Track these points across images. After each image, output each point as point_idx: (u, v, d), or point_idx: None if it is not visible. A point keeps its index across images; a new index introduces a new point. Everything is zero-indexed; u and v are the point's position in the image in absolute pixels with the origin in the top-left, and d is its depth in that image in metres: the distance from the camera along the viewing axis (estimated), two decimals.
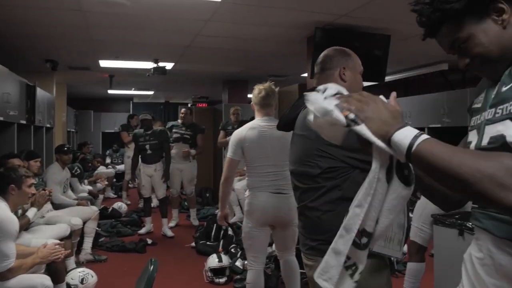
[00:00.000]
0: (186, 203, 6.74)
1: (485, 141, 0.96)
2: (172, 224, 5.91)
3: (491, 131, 0.95)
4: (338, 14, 3.86)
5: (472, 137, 1.05)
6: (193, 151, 5.87)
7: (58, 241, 3.00)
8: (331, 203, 1.48)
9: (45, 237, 3.24)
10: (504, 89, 0.94)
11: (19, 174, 2.85)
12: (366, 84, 7.38)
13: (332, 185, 1.49)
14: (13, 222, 2.59)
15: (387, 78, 5.64)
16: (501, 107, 0.93)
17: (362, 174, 1.34)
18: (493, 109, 0.96)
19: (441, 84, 6.93)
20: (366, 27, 4.24)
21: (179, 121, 6.10)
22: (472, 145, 1.03)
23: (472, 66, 1.03)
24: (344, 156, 1.47)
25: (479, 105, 1.08)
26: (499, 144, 0.90)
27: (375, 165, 0.93)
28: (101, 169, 8.13)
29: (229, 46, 5.17)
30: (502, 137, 0.90)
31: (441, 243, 2.79)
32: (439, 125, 6.24)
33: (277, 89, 3.00)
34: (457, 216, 2.64)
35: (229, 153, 2.86)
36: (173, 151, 5.79)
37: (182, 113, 6.08)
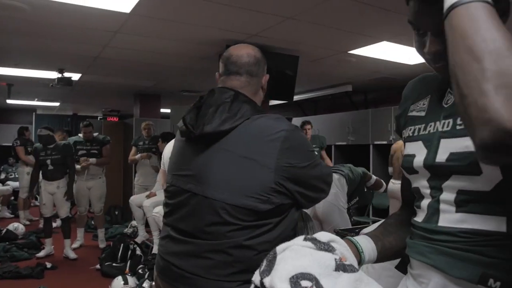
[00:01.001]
0: (93, 222, 6.35)
1: (442, 157, 0.83)
2: (76, 245, 5.53)
3: (451, 145, 0.82)
4: (249, 33, 3.96)
5: (416, 149, 0.91)
6: (93, 160, 5.49)
7: None
8: (269, 242, 1.23)
9: None
10: None
11: None
12: (276, 102, 7.71)
13: (276, 223, 1.25)
14: None
15: (296, 97, 5.91)
16: None
17: (297, 211, 1.34)
18: (450, 120, 0.84)
19: (346, 104, 7.41)
20: (277, 47, 4.40)
21: (80, 135, 5.72)
22: (419, 160, 0.89)
23: (438, 55, 0.81)
24: (296, 192, 1.27)
25: (421, 113, 0.95)
26: (467, 163, 0.77)
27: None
28: None
29: (139, 59, 5.04)
30: (472, 155, 0.75)
31: None
32: (344, 143, 6.66)
33: None
34: (357, 230, 2.64)
35: None
36: (78, 167, 5.44)
37: (83, 130, 5.66)
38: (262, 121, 1.28)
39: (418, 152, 0.90)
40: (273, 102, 6.29)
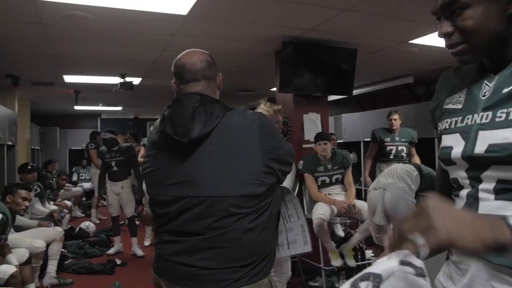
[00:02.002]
0: None
1: (480, 148, 0.85)
2: (147, 243, 5.73)
3: (490, 137, 0.83)
4: (304, 28, 3.89)
5: (453, 141, 0.93)
6: None
7: None
8: (266, 221, 1.39)
9: None
10: (506, 90, 0.84)
11: None
12: (334, 97, 7.51)
13: (269, 202, 1.39)
14: None
15: (355, 92, 5.73)
16: (503, 111, 0.83)
17: (278, 188, 1.49)
18: (490, 112, 0.85)
19: (407, 97, 7.09)
20: (333, 41, 4.29)
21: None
22: (457, 152, 0.90)
23: (453, 42, 0.90)
24: (278, 170, 1.41)
25: (457, 106, 0.96)
26: (506, 154, 0.79)
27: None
28: (69, 187, 7.90)
29: None
30: (511, 146, 0.79)
31: None
32: None
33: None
34: None
35: None
36: None
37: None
38: (235, 116, 1.40)
39: (455, 144, 0.91)
40: (331, 98, 6.15)
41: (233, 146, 1.36)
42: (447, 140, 0.95)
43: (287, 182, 4.12)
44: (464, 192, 0.92)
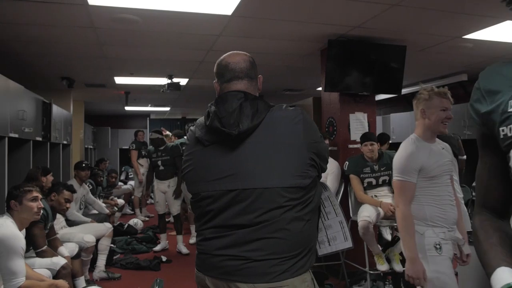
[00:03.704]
0: None
1: None
2: (192, 240, 5.82)
3: None
4: (350, 25, 3.79)
5: None
6: None
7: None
8: (311, 212, 1.44)
9: (51, 258, 3.18)
10: None
11: (20, 189, 2.83)
12: (383, 96, 7.28)
13: (313, 194, 1.45)
14: (18, 238, 2.57)
15: (404, 91, 5.52)
16: None
17: (319, 181, 1.52)
18: None
19: (461, 95, 6.74)
20: (381, 38, 4.16)
21: (186, 137, 6.06)
22: None
23: None
24: (319, 164, 1.46)
25: None
26: None
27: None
28: (120, 185, 8.21)
29: None
30: None
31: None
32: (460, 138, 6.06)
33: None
34: None
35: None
36: None
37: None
38: (279, 111, 1.44)
39: None
40: (379, 97, 5.97)
41: (280, 139, 1.40)
42: None
43: (333, 183, 4.05)
44: None
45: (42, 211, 2.96)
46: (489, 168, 0.94)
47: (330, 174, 4.08)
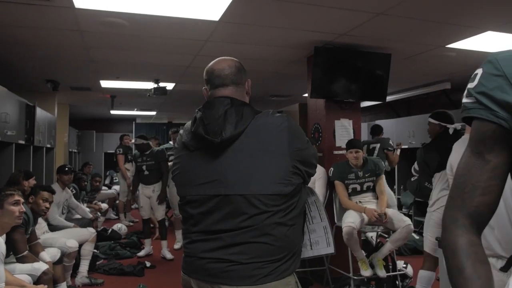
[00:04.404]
0: None
1: None
2: (177, 246, 5.78)
3: None
4: (337, 33, 3.84)
5: None
6: None
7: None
8: (295, 217, 1.46)
9: (32, 264, 3.13)
10: None
11: (1, 193, 2.79)
12: (368, 103, 7.39)
13: (296, 201, 1.46)
14: None
15: (389, 98, 5.60)
16: None
17: (304, 188, 1.54)
18: None
19: (444, 103, 6.87)
20: (366, 46, 4.21)
21: (171, 142, 6.06)
22: None
23: None
24: (304, 171, 1.47)
25: None
26: None
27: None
28: (104, 189, 8.11)
29: None
30: None
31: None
32: None
33: None
34: None
35: None
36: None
37: (173, 136, 6.19)
38: (264, 118, 1.45)
39: None
40: (365, 104, 6.03)
41: (263, 147, 1.41)
42: None
43: (320, 189, 4.07)
44: None
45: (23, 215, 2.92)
46: (492, 168, 0.84)
47: (318, 180, 4.11)
